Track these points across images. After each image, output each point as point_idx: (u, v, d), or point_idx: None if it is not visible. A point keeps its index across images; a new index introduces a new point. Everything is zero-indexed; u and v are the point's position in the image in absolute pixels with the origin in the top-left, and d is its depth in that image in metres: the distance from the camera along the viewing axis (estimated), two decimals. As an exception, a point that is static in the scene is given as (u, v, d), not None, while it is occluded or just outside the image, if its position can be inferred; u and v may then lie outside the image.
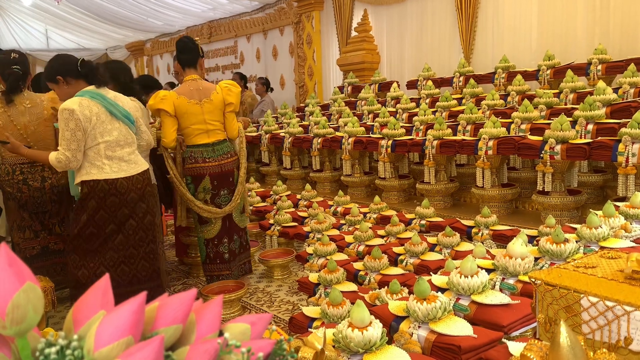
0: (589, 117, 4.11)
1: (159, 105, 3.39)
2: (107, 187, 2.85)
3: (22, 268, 0.63)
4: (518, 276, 2.55)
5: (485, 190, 4.31)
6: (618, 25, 5.36)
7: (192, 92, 3.49)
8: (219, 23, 10.99)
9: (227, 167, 3.58)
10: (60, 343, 0.62)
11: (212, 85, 3.63)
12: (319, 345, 1.60)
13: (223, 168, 3.56)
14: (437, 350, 2.00)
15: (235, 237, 3.67)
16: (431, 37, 7.16)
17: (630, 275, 1.64)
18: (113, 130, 2.90)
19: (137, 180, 2.97)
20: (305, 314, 2.58)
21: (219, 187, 3.55)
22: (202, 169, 3.49)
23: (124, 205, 2.92)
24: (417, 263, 3.29)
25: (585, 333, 1.59)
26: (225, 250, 3.61)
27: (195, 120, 3.48)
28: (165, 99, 3.41)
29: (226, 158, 3.58)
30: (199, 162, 3.50)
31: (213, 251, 3.58)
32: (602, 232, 2.77)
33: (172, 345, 0.68)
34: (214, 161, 3.52)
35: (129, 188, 2.93)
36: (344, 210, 4.73)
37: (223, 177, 3.56)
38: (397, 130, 5.04)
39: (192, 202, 3.48)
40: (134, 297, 0.65)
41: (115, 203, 2.89)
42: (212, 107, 3.51)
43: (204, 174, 3.50)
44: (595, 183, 4.32)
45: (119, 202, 2.90)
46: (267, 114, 6.97)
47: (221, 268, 3.61)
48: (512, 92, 5.42)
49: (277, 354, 0.71)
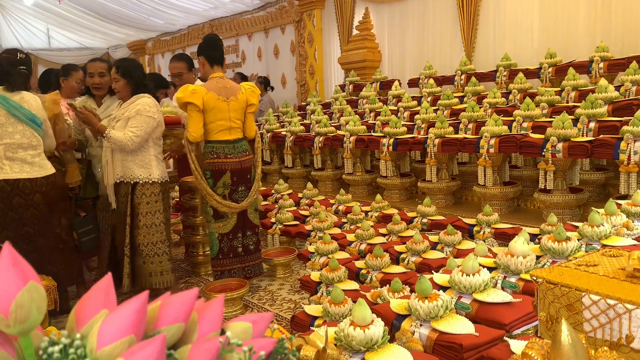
0: (590, 115, 4.10)
1: (189, 98, 3.41)
2: (9, 187, 2.93)
3: (26, 267, 0.63)
4: (520, 274, 2.55)
5: (487, 189, 4.30)
6: (620, 22, 5.34)
7: (220, 89, 3.53)
8: (220, 22, 10.99)
9: (246, 164, 3.64)
10: (63, 342, 0.62)
11: (237, 84, 3.70)
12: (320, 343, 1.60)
13: (242, 165, 3.62)
14: (438, 349, 2.00)
15: (249, 233, 3.72)
16: (433, 35, 7.15)
17: (632, 273, 1.64)
18: (15, 133, 2.99)
19: (40, 183, 3.06)
20: (307, 312, 2.59)
21: (238, 183, 3.61)
22: (224, 165, 3.55)
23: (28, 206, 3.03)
24: (418, 261, 3.29)
25: (586, 331, 1.59)
26: (239, 244, 3.65)
27: (221, 117, 3.52)
28: (196, 93, 3.43)
29: (245, 155, 3.65)
30: (220, 157, 3.54)
31: (227, 246, 3.62)
32: (604, 230, 2.77)
33: (174, 344, 0.69)
34: (235, 157, 3.58)
35: (33, 189, 3.02)
36: (345, 209, 4.73)
37: (242, 174, 3.62)
38: (399, 128, 5.03)
39: (211, 197, 3.51)
40: (136, 296, 0.65)
41: (21, 204, 2.99)
42: (237, 106, 3.59)
43: (225, 170, 3.55)
44: (597, 181, 4.32)
45: (25, 204, 3.00)
46: (269, 112, 6.98)
47: (233, 262, 3.65)
48: (513, 90, 5.42)
49: (279, 352, 0.72)
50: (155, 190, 3.44)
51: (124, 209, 3.41)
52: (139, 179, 3.39)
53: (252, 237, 3.74)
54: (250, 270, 3.71)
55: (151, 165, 3.42)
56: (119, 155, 3.38)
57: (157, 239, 3.43)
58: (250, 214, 3.73)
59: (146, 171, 3.41)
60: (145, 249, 3.40)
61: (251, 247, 3.72)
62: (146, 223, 3.41)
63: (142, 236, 3.40)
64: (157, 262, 3.42)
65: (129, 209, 3.40)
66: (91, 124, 3.35)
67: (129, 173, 3.39)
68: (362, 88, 7.25)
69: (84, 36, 13.93)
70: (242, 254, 3.67)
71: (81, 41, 14.33)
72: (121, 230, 3.45)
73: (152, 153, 3.44)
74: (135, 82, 3.43)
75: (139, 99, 3.38)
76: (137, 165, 3.38)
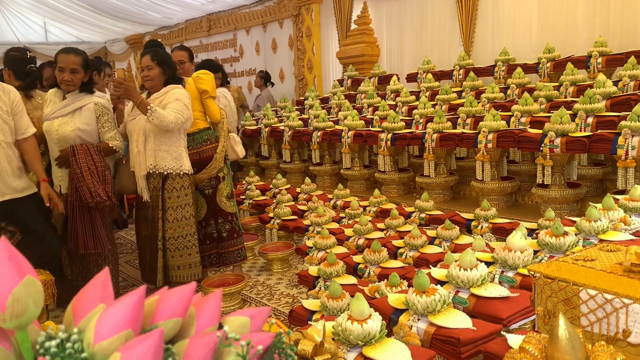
0: (588, 110, 4.10)
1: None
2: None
3: (22, 262, 0.63)
4: (517, 269, 2.56)
5: (485, 184, 4.31)
6: (618, 17, 5.34)
7: None
8: (218, 16, 10.95)
9: (205, 154, 3.66)
10: (61, 336, 0.62)
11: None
12: (318, 337, 1.60)
13: (201, 155, 3.64)
14: (436, 343, 2.01)
15: (221, 221, 3.72)
16: (431, 29, 7.13)
17: (629, 268, 1.64)
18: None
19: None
20: (305, 306, 2.59)
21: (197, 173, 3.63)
22: None
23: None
24: (416, 256, 3.29)
25: (583, 326, 1.60)
26: (214, 231, 3.69)
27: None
28: None
29: (205, 145, 3.67)
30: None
31: (202, 233, 3.66)
32: (601, 225, 2.78)
33: (171, 338, 0.69)
34: (193, 149, 3.60)
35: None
36: (343, 204, 4.74)
37: (201, 165, 3.63)
38: (397, 123, 5.03)
39: None
40: (133, 291, 0.65)
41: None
42: None
43: None
44: (595, 176, 4.32)
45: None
46: (267, 107, 6.96)
47: (210, 247, 3.70)
48: (512, 85, 5.41)
49: (277, 347, 0.72)
50: (185, 183, 3.42)
51: (155, 201, 3.38)
52: (172, 169, 3.37)
53: (224, 225, 3.75)
54: (226, 257, 3.75)
55: (182, 157, 3.41)
56: (151, 145, 3.32)
57: (187, 232, 3.44)
58: (220, 202, 3.71)
59: (177, 162, 3.39)
60: (175, 242, 3.40)
61: (224, 234, 3.73)
62: (176, 217, 3.40)
63: (172, 230, 3.39)
64: (186, 255, 3.43)
65: (160, 202, 3.37)
66: (133, 98, 3.25)
67: (161, 164, 3.34)
68: (360, 83, 7.24)
69: (81, 30, 13.87)
70: (217, 240, 3.72)
71: (78, 35, 14.26)
72: (151, 224, 3.42)
73: (182, 145, 3.44)
74: (172, 71, 3.43)
75: (174, 89, 3.37)
76: (170, 156, 3.36)
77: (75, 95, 3.28)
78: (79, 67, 3.22)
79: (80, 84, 3.27)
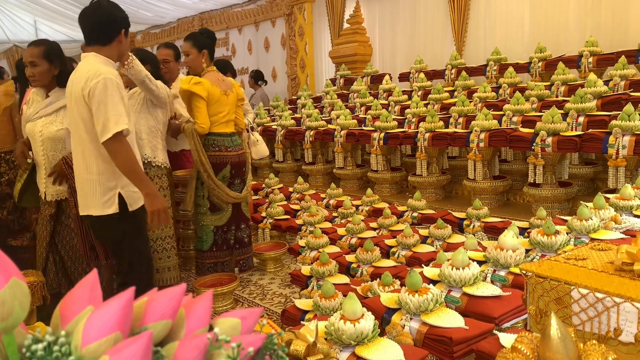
0: (580, 110, 4.13)
1: (194, 89, 3.39)
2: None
3: (7, 264, 0.62)
4: (509, 268, 2.56)
5: (477, 183, 4.32)
6: (609, 17, 5.37)
7: (220, 83, 3.57)
8: (210, 15, 10.91)
9: (242, 158, 3.69)
10: (47, 339, 0.61)
11: (228, 79, 3.73)
12: (311, 337, 1.60)
13: (240, 158, 3.67)
14: (428, 342, 2.01)
15: (243, 226, 3.75)
16: (423, 29, 7.14)
17: (620, 267, 1.65)
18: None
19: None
20: (297, 306, 2.58)
21: (235, 176, 3.64)
22: (225, 158, 3.58)
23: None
24: (409, 255, 3.29)
25: (575, 324, 1.61)
26: (232, 237, 3.68)
27: (222, 110, 3.56)
28: (201, 84, 3.42)
29: (241, 149, 3.69)
30: (222, 150, 3.57)
31: (221, 238, 3.64)
32: (592, 224, 2.79)
33: (161, 340, 0.68)
34: (234, 151, 3.62)
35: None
36: (336, 203, 4.73)
37: (239, 167, 3.66)
38: (389, 122, 5.03)
39: (219, 188, 3.51)
40: (122, 292, 0.64)
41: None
42: (233, 100, 3.65)
43: (226, 162, 3.58)
44: (586, 175, 4.35)
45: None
46: (259, 106, 6.94)
47: (226, 254, 3.69)
48: (503, 85, 5.43)
49: (268, 348, 0.71)
50: (159, 174, 3.37)
51: None
52: (144, 157, 3.31)
53: (245, 230, 3.78)
54: (244, 263, 3.75)
55: (157, 149, 3.38)
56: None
57: (166, 233, 3.40)
58: (244, 207, 3.76)
59: (152, 152, 3.35)
60: (154, 244, 3.35)
61: (245, 239, 3.76)
62: None
63: (150, 231, 3.31)
64: (165, 258, 3.39)
65: None
66: None
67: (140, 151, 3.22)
68: (353, 82, 7.24)
69: (71, 28, 13.76)
70: (234, 247, 3.71)
71: (69, 34, 14.14)
72: None
73: (160, 137, 3.41)
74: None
75: None
76: (147, 144, 3.33)
77: (58, 92, 3.02)
78: (37, 59, 2.91)
79: (51, 77, 2.98)
